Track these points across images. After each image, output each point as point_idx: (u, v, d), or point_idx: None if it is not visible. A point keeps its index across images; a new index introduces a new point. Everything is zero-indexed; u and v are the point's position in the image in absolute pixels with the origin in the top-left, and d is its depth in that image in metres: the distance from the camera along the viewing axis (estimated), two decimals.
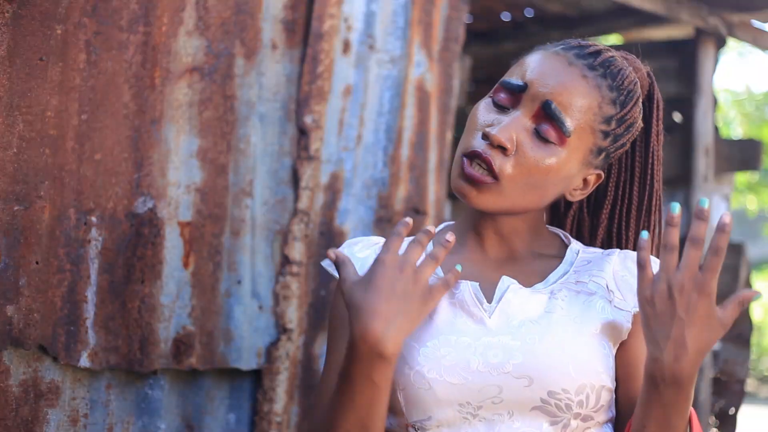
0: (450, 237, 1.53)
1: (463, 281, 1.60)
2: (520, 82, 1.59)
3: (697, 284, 1.38)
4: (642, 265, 1.42)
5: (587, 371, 1.51)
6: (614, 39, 5.39)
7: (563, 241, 1.71)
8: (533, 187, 1.58)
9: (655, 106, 1.76)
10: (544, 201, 1.62)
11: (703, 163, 4.23)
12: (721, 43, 4.31)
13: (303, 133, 2.40)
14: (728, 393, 4.29)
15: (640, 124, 1.68)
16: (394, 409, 1.56)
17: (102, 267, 2.07)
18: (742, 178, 11.87)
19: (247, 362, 2.32)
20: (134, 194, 2.13)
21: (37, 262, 1.95)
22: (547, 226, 1.74)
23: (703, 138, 4.23)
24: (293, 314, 2.38)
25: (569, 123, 1.56)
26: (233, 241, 2.29)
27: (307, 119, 2.40)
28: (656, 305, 1.41)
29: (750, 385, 11.01)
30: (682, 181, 4.35)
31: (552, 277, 1.62)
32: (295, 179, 2.39)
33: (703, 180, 4.23)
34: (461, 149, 1.60)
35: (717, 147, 4.34)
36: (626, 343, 1.59)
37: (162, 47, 2.17)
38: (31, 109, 1.94)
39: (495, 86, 1.63)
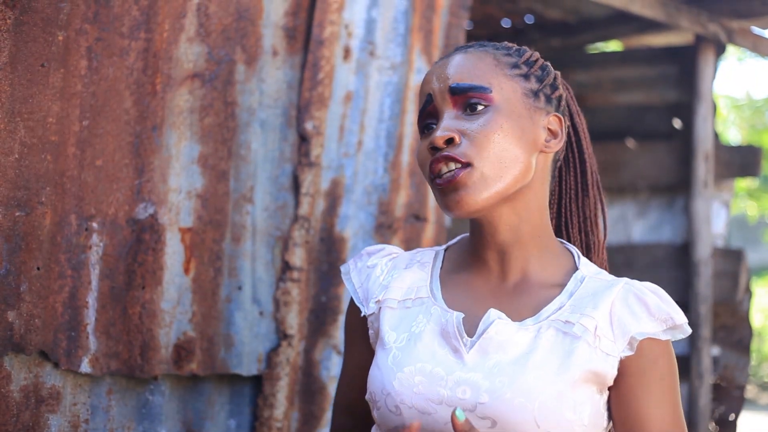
0: None
1: (452, 311, 1.59)
2: (426, 98, 1.63)
3: None
4: None
5: (555, 421, 1.49)
6: (614, 45, 5.40)
7: (574, 262, 1.66)
8: (502, 153, 1.56)
9: (564, 88, 1.77)
10: (524, 164, 1.58)
11: (703, 169, 4.24)
12: (720, 49, 4.32)
13: (304, 139, 2.40)
14: (728, 399, 4.30)
15: (553, 71, 1.69)
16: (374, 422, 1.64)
17: (103, 273, 2.07)
18: (741, 184, 11.87)
19: (248, 368, 2.32)
20: (135, 200, 2.13)
21: (38, 268, 1.95)
22: (560, 241, 1.70)
23: (703, 144, 4.24)
24: (294, 320, 2.38)
25: (481, 82, 1.59)
26: (234, 247, 2.30)
27: (308, 125, 2.41)
28: None
29: (750, 391, 11.00)
30: (682, 187, 4.36)
31: (545, 311, 1.58)
32: (296, 185, 2.39)
33: (703, 186, 4.24)
34: (428, 177, 1.61)
35: (717, 153, 4.35)
36: (617, 387, 1.56)
37: (163, 54, 2.18)
38: (33, 115, 1.94)
39: (417, 123, 1.67)
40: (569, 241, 1.74)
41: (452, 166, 1.56)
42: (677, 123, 4.45)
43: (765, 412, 9.92)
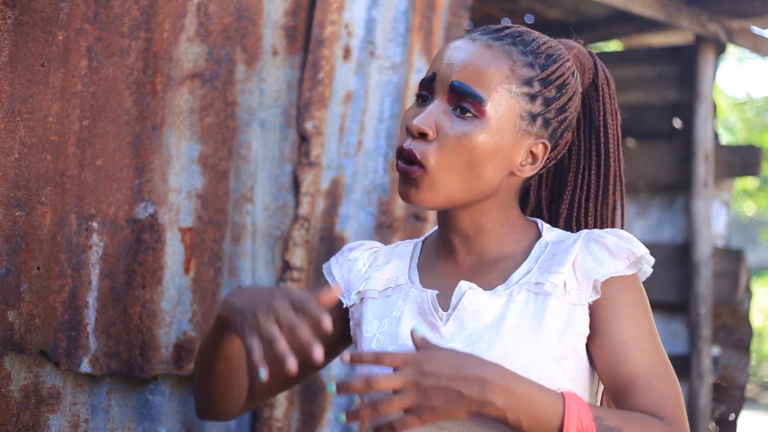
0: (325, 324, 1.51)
1: (426, 290, 1.63)
2: (430, 74, 1.61)
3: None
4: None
5: (539, 376, 1.50)
6: (614, 45, 5.40)
7: (538, 230, 1.68)
8: (466, 167, 1.56)
9: (602, 83, 1.74)
10: (487, 182, 1.59)
11: (703, 169, 4.24)
12: (720, 49, 4.32)
13: (304, 139, 2.40)
14: (728, 399, 4.30)
15: (577, 88, 1.65)
16: None
17: (103, 272, 2.07)
18: (741, 183, 11.87)
19: None
20: (135, 200, 2.13)
21: (38, 268, 1.95)
22: (527, 217, 1.71)
23: (703, 144, 4.24)
24: None
25: (481, 92, 1.55)
26: (234, 246, 2.30)
27: (308, 125, 2.41)
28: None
29: (751, 391, 11.00)
30: (682, 187, 4.36)
31: (514, 276, 1.60)
32: (296, 185, 2.39)
33: (703, 186, 4.24)
34: (395, 151, 1.62)
35: (717, 153, 4.35)
36: (594, 332, 1.57)
37: (163, 53, 2.18)
38: (33, 114, 1.94)
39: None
40: None
41: (410, 161, 1.57)
42: (677, 123, 4.45)
43: (765, 412, 9.92)
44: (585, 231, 1.62)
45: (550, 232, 1.66)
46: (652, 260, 1.61)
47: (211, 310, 2.25)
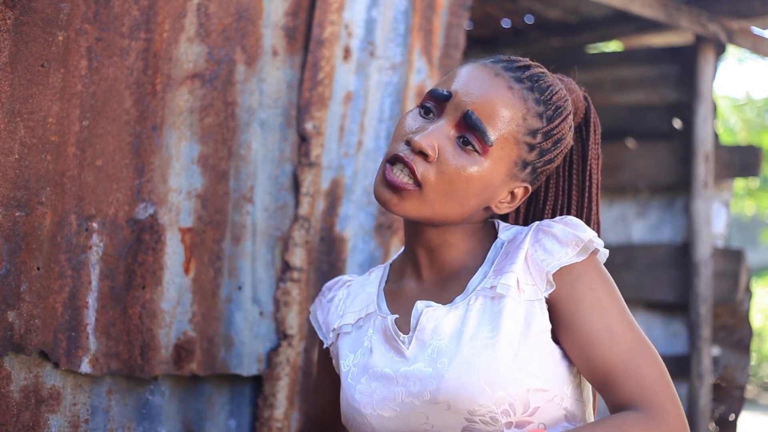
0: None
1: (387, 316, 1.66)
2: (445, 92, 1.61)
3: None
4: None
5: (504, 382, 1.50)
6: (614, 45, 5.40)
7: (496, 231, 1.68)
8: (454, 195, 1.57)
9: (591, 129, 1.76)
10: (466, 211, 1.61)
11: (703, 169, 4.24)
12: (720, 49, 4.32)
13: (304, 139, 2.40)
14: (728, 399, 4.30)
15: (569, 141, 1.67)
16: None
17: (103, 273, 2.07)
18: (741, 183, 11.87)
19: (248, 368, 2.32)
20: (135, 200, 2.13)
21: (38, 268, 1.95)
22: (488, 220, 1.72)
23: (703, 144, 4.24)
24: (294, 320, 2.38)
25: (491, 133, 1.57)
26: (234, 247, 2.30)
27: (308, 125, 2.41)
28: None
29: (751, 391, 10.99)
30: (682, 187, 4.36)
31: (471, 285, 1.61)
32: (296, 185, 2.39)
33: (703, 186, 4.24)
34: (385, 156, 1.62)
35: (717, 153, 4.35)
36: (557, 324, 1.56)
37: (163, 54, 2.18)
38: (33, 115, 1.94)
39: (425, 95, 1.65)
40: None
41: (407, 174, 1.57)
42: (677, 123, 4.45)
43: (765, 412, 9.92)
44: (536, 223, 1.62)
45: (505, 231, 1.66)
46: (601, 242, 1.60)
47: (211, 311, 2.25)
